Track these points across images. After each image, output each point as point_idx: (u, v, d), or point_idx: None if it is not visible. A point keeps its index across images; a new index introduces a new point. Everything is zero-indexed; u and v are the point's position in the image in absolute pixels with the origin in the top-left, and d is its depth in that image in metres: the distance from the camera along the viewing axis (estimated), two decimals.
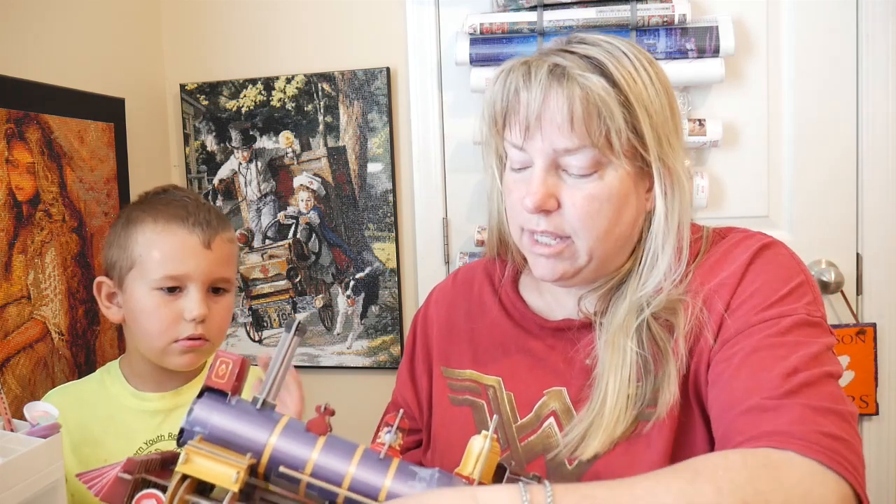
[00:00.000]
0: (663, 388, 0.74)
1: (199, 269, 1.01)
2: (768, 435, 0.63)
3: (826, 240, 1.52)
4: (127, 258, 1.02)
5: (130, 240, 1.02)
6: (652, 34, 1.46)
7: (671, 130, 0.77)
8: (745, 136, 1.53)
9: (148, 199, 1.08)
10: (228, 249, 1.06)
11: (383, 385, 1.09)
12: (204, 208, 1.05)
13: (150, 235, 1.01)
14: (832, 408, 0.64)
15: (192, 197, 1.07)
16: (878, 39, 1.46)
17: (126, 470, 0.58)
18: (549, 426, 0.80)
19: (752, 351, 0.70)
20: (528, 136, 0.76)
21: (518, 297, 0.91)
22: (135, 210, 1.05)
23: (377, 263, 1.68)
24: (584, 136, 0.73)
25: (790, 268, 0.76)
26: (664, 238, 0.78)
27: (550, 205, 0.76)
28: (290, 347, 0.64)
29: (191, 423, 0.61)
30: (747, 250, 0.77)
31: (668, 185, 0.77)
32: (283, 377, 0.64)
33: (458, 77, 1.61)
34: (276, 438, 0.60)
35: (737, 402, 0.68)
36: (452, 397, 0.89)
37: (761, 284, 0.74)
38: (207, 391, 0.62)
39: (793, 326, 0.71)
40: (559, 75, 0.74)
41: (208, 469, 0.57)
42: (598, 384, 0.76)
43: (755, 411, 0.66)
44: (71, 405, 1.04)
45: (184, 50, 1.76)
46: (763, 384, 0.67)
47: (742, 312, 0.73)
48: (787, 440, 0.61)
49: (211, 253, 1.02)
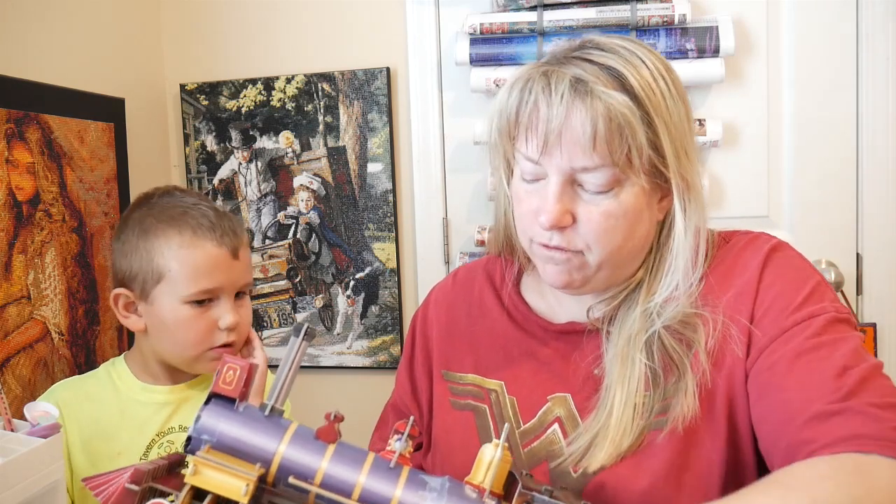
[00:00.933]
0: (677, 400, 0.73)
1: (230, 280, 1.02)
2: (844, 440, 0.62)
3: (826, 240, 1.52)
4: (153, 271, 1.00)
5: (155, 253, 1.00)
6: (652, 34, 1.46)
7: (688, 141, 0.76)
8: (745, 136, 1.53)
9: (156, 204, 1.05)
10: (249, 254, 1.08)
11: (383, 385, 1.09)
12: (225, 217, 1.05)
13: (179, 250, 1.00)
14: (893, 402, 0.65)
15: (207, 204, 1.06)
16: (878, 39, 1.46)
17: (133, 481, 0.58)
18: (553, 433, 0.79)
19: (795, 357, 0.69)
20: (545, 152, 0.74)
21: (520, 298, 0.90)
22: (148, 218, 1.03)
23: (377, 263, 1.68)
24: (605, 155, 0.72)
25: (804, 268, 0.76)
26: (681, 250, 0.77)
27: (566, 221, 0.74)
28: (298, 352, 0.63)
29: (198, 430, 0.60)
30: (756, 254, 0.77)
31: (687, 198, 0.76)
32: (292, 382, 0.63)
33: (458, 77, 1.61)
34: (285, 447, 0.59)
35: (797, 412, 0.67)
36: (454, 401, 0.88)
37: (782, 288, 0.74)
38: (215, 397, 0.62)
39: (826, 325, 0.70)
40: (582, 91, 0.72)
41: (217, 481, 0.57)
42: (606, 395, 0.75)
43: (821, 417, 0.65)
44: (79, 400, 1.04)
45: (184, 50, 1.76)
46: (819, 389, 0.66)
47: (771, 319, 0.73)
48: (864, 444, 0.61)
49: (238, 262, 1.04)
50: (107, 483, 0.58)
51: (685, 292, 0.76)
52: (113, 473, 0.59)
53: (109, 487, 0.58)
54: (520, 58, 1.50)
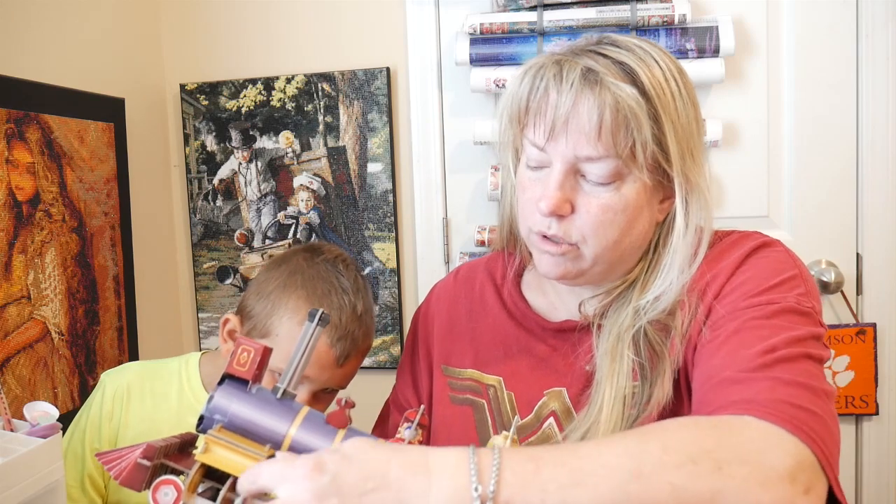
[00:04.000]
0: (657, 387, 0.74)
1: (320, 381, 0.96)
2: (733, 404, 0.62)
3: (826, 240, 1.52)
4: (265, 325, 0.97)
5: (276, 309, 0.97)
6: (652, 34, 1.45)
7: (695, 144, 0.77)
8: (745, 136, 1.53)
9: (315, 266, 1.00)
10: (358, 362, 1.01)
11: (383, 385, 1.08)
12: (355, 320, 0.97)
13: (293, 324, 0.95)
14: (804, 382, 0.64)
15: (357, 295, 0.99)
16: (878, 39, 1.46)
17: (145, 456, 0.58)
18: (549, 426, 0.81)
19: (735, 332, 0.70)
20: (551, 139, 0.74)
21: (520, 296, 0.91)
22: (298, 275, 0.98)
23: (377, 263, 1.68)
24: (609, 146, 0.72)
25: (785, 262, 0.76)
26: (679, 248, 0.77)
27: (565, 210, 0.75)
28: (312, 337, 0.64)
29: (210, 410, 0.61)
30: (744, 247, 0.78)
31: (689, 199, 0.76)
32: (305, 367, 0.64)
33: (458, 77, 1.61)
34: (295, 430, 0.60)
35: (711, 377, 0.68)
36: (453, 396, 0.89)
37: (752, 275, 0.74)
38: (228, 378, 0.62)
39: (780, 311, 0.70)
40: (592, 81, 0.72)
41: (228, 460, 0.57)
42: (596, 391, 0.76)
43: (725, 383, 0.65)
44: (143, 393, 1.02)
45: (184, 50, 1.76)
46: (738, 360, 0.67)
47: (731, 299, 0.73)
48: (749, 408, 0.61)
49: (340, 370, 0.97)
50: (119, 458, 0.59)
51: (676, 290, 0.76)
52: (125, 449, 0.59)
53: (121, 462, 0.58)
54: (520, 58, 1.50)
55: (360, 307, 0.99)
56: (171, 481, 0.58)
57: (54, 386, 1.34)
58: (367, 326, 1.00)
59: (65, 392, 1.37)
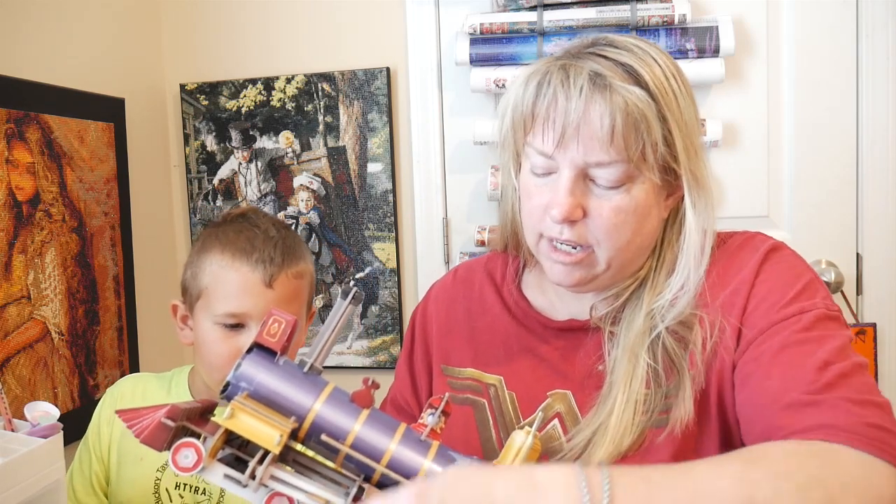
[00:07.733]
0: (676, 402, 0.73)
1: (258, 309, 0.96)
2: (815, 429, 0.63)
3: (826, 240, 1.52)
4: (196, 287, 0.99)
5: (200, 269, 0.99)
6: (652, 34, 1.46)
7: (697, 140, 0.77)
8: (745, 136, 1.53)
9: (225, 223, 1.03)
10: (293, 286, 1.00)
11: (383, 385, 1.08)
12: (271, 242, 0.99)
13: (216, 269, 0.98)
14: (870, 399, 0.65)
15: (262, 227, 1.01)
16: (878, 39, 1.46)
17: (169, 416, 0.57)
18: (552, 428, 0.80)
19: (780, 349, 0.70)
20: (561, 145, 0.74)
21: (521, 295, 0.90)
22: (210, 236, 1.02)
23: (377, 263, 1.68)
24: (621, 150, 0.72)
25: (799, 266, 0.77)
26: (691, 247, 0.77)
27: (577, 215, 0.75)
28: (343, 314, 0.63)
29: (237, 377, 0.60)
30: (754, 254, 0.77)
31: (697, 196, 0.77)
32: (334, 343, 0.64)
33: (458, 77, 1.61)
34: (320, 405, 0.60)
35: (774, 398, 0.67)
36: (453, 396, 0.89)
37: (774, 284, 0.74)
38: (257, 347, 0.62)
39: (815, 321, 0.71)
40: (601, 85, 0.72)
41: (252, 427, 0.57)
42: (608, 394, 0.76)
43: (796, 406, 0.66)
44: (134, 397, 1.05)
45: (184, 50, 1.76)
46: (798, 380, 0.67)
47: (761, 313, 0.73)
48: (835, 433, 0.61)
49: (271, 292, 0.97)
50: (141, 417, 0.58)
51: (690, 291, 0.76)
52: (147, 409, 0.58)
53: (144, 421, 0.58)
54: (520, 58, 1.50)
55: (273, 232, 1.01)
56: (193, 444, 0.57)
57: (54, 386, 1.34)
58: (286, 245, 1.00)
59: (65, 392, 1.37)
